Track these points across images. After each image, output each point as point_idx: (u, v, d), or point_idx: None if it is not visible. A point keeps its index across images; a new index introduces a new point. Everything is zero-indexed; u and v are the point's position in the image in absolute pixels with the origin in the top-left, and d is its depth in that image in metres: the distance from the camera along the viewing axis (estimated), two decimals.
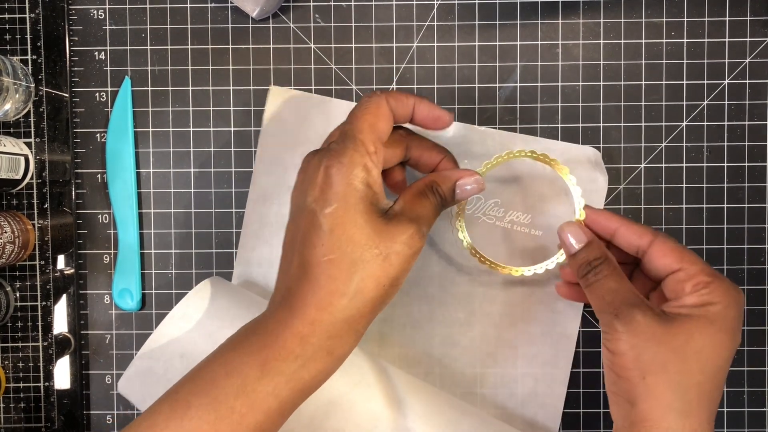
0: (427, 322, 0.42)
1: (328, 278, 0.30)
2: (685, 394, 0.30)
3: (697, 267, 0.33)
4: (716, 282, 0.32)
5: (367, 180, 0.31)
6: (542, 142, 0.42)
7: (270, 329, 0.30)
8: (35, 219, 0.42)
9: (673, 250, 0.33)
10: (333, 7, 0.42)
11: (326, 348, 0.30)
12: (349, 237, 0.30)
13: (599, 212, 0.37)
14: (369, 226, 0.30)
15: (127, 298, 0.43)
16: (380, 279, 0.30)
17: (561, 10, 0.42)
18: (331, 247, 0.30)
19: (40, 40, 0.42)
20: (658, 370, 0.30)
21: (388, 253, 0.30)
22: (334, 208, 0.30)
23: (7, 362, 0.43)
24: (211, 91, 0.43)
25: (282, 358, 0.29)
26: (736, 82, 0.42)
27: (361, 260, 0.30)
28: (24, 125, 0.42)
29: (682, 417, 0.30)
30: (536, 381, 0.42)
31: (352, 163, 0.31)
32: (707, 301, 0.32)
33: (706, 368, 0.31)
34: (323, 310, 0.30)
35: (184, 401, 0.29)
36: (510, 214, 0.41)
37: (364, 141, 0.31)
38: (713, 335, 0.31)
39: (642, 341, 0.31)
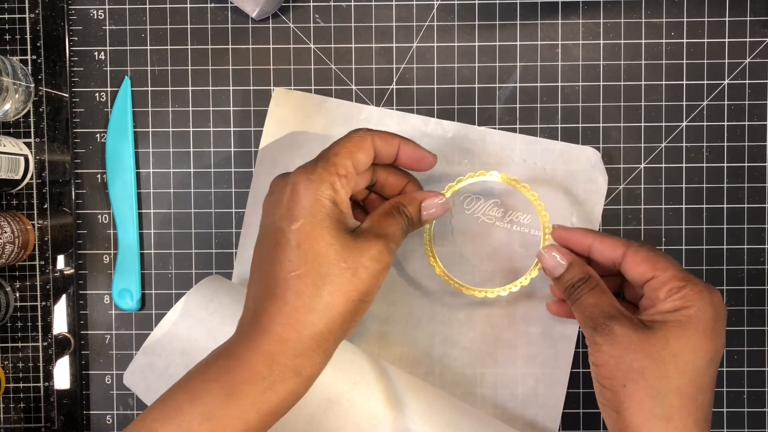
0: (428, 322, 0.42)
1: (295, 294, 0.30)
2: (665, 399, 0.30)
3: (669, 273, 0.33)
4: (689, 286, 0.32)
5: (335, 198, 0.31)
6: (542, 142, 0.42)
7: (235, 351, 0.30)
8: (35, 219, 0.42)
9: (646, 258, 0.34)
10: (333, 7, 0.42)
11: (293, 367, 0.29)
12: (317, 252, 0.30)
13: (571, 231, 0.37)
14: (337, 242, 0.30)
15: (126, 298, 0.43)
16: (349, 294, 0.30)
17: (561, 10, 0.42)
18: (298, 262, 0.30)
19: (39, 40, 0.42)
20: (637, 377, 0.31)
21: (357, 267, 0.30)
22: (301, 223, 0.30)
23: (7, 362, 0.43)
24: (211, 91, 0.43)
25: (248, 380, 0.29)
26: (736, 83, 0.42)
27: (329, 275, 0.30)
28: (24, 125, 0.42)
29: (663, 422, 0.30)
30: (536, 381, 0.42)
31: (320, 180, 0.31)
32: (680, 306, 0.32)
33: (686, 372, 0.31)
34: (290, 327, 0.29)
35: (150, 429, 0.28)
36: (509, 214, 0.41)
37: (336, 163, 0.32)
38: (689, 338, 0.31)
39: (620, 351, 0.31)
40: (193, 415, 0.28)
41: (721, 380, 0.43)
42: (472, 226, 0.41)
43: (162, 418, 0.29)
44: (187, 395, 0.29)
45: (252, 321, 0.30)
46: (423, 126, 0.42)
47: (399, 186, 0.37)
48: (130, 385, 0.39)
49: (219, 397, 0.28)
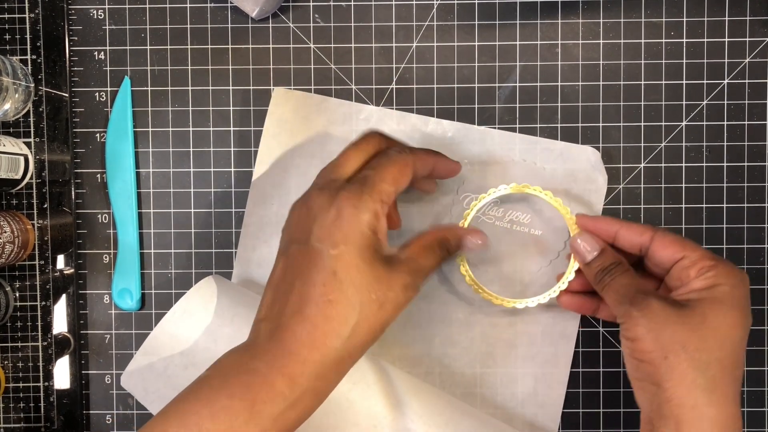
0: (427, 322, 0.42)
1: (324, 319, 0.30)
2: (707, 370, 0.31)
3: (698, 253, 0.34)
4: (720, 265, 0.33)
5: (376, 226, 0.32)
6: (542, 142, 0.42)
7: (257, 368, 0.30)
8: (35, 219, 0.42)
9: (674, 241, 0.35)
10: (332, 7, 0.42)
11: (314, 389, 0.30)
12: (352, 280, 0.30)
13: (597, 219, 0.38)
14: (371, 272, 0.31)
15: (126, 297, 0.43)
16: (373, 324, 0.31)
17: (560, 10, 0.42)
18: (332, 288, 0.30)
19: (39, 40, 0.42)
20: (678, 349, 0.31)
21: (384, 300, 0.31)
22: (341, 250, 0.31)
23: (7, 362, 0.43)
24: (211, 91, 0.43)
25: (270, 399, 0.29)
26: (736, 82, 0.42)
27: (359, 304, 0.30)
28: (24, 125, 0.42)
29: (707, 393, 0.31)
30: (536, 381, 0.42)
31: (365, 208, 0.31)
32: (714, 283, 0.33)
33: (725, 345, 0.31)
34: (316, 351, 0.30)
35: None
36: (510, 213, 0.41)
37: (381, 190, 0.32)
38: (726, 313, 0.32)
39: (659, 324, 0.32)
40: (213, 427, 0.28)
41: None
42: (473, 225, 0.41)
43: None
44: (209, 410, 0.29)
45: (274, 336, 0.30)
46: (423, 126, 0.42)
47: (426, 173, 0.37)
48: (128, 387, 0.39)
49: (241, 416, 0.29)
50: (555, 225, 0.41)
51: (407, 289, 0.32)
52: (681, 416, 0.31)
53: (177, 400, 0.30)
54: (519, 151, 0.42)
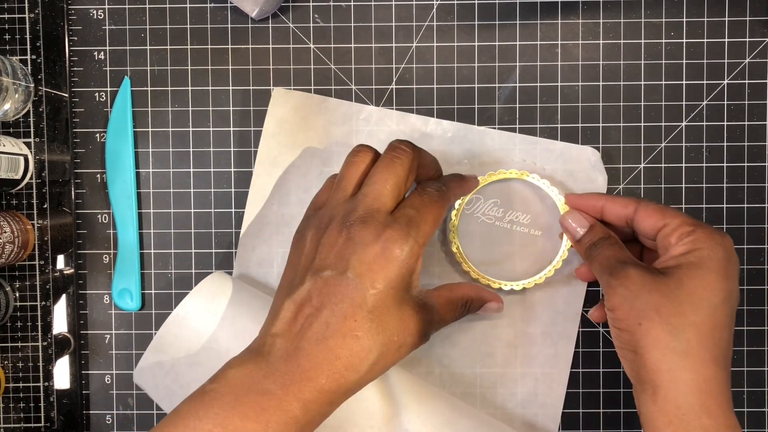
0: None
1: (348, 353, 0.30)
2: (682, 334, 0.31)
3: (678, 219, 0.34)
4: (698, 229, 0.33)
5: (414, 269, 0.33)
6: (541, 142, 0.42)
7: (272, 390, 0.29)
8: (35, 219, 0.42)
9: (656, 210, 0.35)
10: (332, 7, 0.42)
11: (324, 413, 0.31)
12: (381, 320, 0.31)
13: (583, 196, 0.39)
14: (399, 315, 0.32)
15: (126, 298, 0.43)
16: (388, 364, 0.32)
17: (560, 10, 0.42)
18: (362, 325, 0.31)
19: (39, 40, 0.42)
20: (652, 314, 0.31)
21: (403, 344, 0.32)
22: (380, 290, 0.31)
23: (7, 362, 0.43)
24: (211, 91, 0.43)
25: (284, 423, 0.29)
26: (736, 83, 0.42)
27: (382, 345, 0.31)
28: (23, 125, 0.42)
29: (682, 356, 0.31)
30: (536, 381, 0.42)
31: (411, 253, 0.32)
32: (692, 248, 0.33)
33: (701, 309, 0.31)
34: (334, 382, 0.30)
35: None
36: (510, 214, 0.41)
37: (426, 233, 0.33)
38: (702, 278, 0.32)
39: (634, 291, 0.32)
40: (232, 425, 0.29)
41: None
42: (472, 226, 0.41)
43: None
44: (222, 430, 0.28)
45: (292, 359, 0.30)
46: (422, 126, 0.42)
47: None
48: (139, 383, 0.39)
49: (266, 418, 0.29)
50: (555, 224, 0.41)
51: (423, 337, 0.34)
52: (656, 380, 0.31)
53: (185, 413, 0.29)
54: (519, 151, 0.42)
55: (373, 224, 0.32)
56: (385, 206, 0.33)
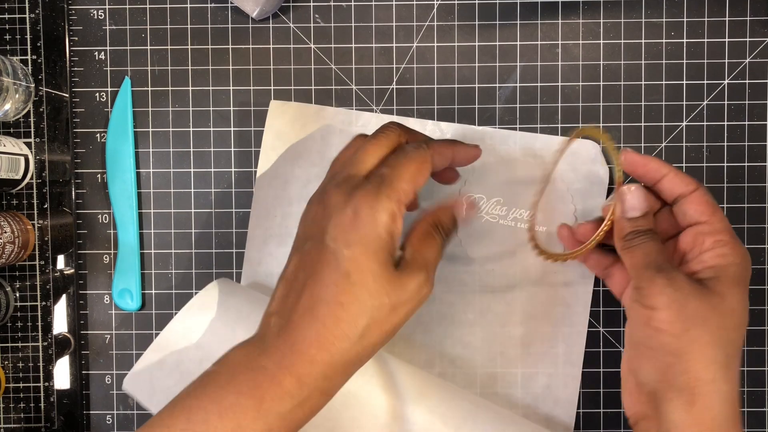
0: (438, 324, 0.42)
1: (335, 320, 0.29)
2: (725, 348, 0.31)
3: (722, 225, 0.34)
4: (734, 242, 0.33)
5: (392, 229, 0.31)
6: (541, 138, 0.42)
7: (265, 366, 0.29)
8: (35, 219, 0.42)
9: (708, 202, 0.34)
10: (333, 7, 0.42)
11: (321, 388, 0.30)
12: (364, 283, 0.30)
13: (648, 158, 0.36)
14: (383, 276, 0.30)
15: (126, 298, 0.43)
16: (384, 327, 0.30)
17: (561, 10, 0.42)
18: (344, 289, 0.30)
19: (40, 40, 0.42)
20: (700, 323, 0.31)
21: (397, 304, 0.30)
22: (355, 252, 0.30)
23: (7, 362, 0.43)
24: (211, 91, 0.43)
25: (278, 398, 0.29)
26: (736, 82, 0.42)
27: (371, 308, 0.30)
28: (24, 125, 0.42)
29: (724, 369, 0.31)
30: (550, 378, 0.42)
31: (383, 210, 0.30)
32: (730, 262, 0.33)
33: (739, 326, 0.32)
34: (325, 351, 0.29)
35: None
36: (513, 211, 0.41)
37: (400, 189, 0.31)
38: (740, 295, 0.32)
39: (683, 296, 0.32)
40: (221, 429, 0.28)
41: None
42: (477, 225, 0.41)
43: (190, 429, 0.28)
44: (216, 407, 0.29)
45: (283, 334, 0.30)
46: (421, 128, 0.42)
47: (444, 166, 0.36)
48: (131, 390, 0.38)
49: (249, 413, 0.28)
50: (559, 220, 0.41)
51: (422, 287, 0.31)
52: (698, 389, 0.31)
53: (183, 396, 0.30)
54: (519, 147, 0.42)
55: (344, 187, 0.31)
56: (359, 171, 0.32)
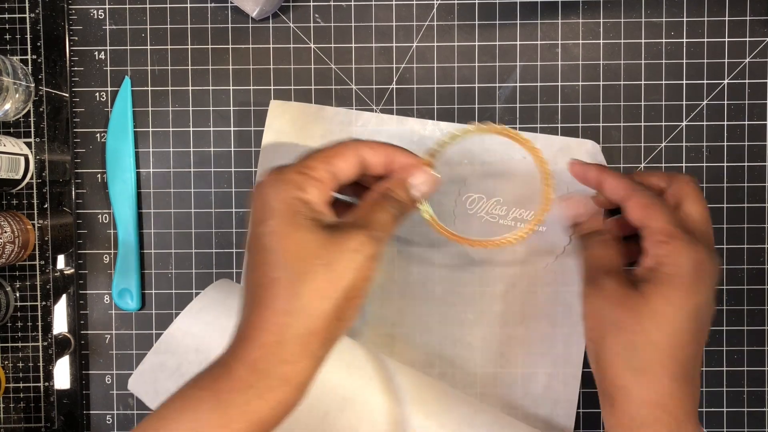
0: (437, 324, 0.42)
1: (272, 298, 0.28)
2: (640, 352, 0.31)
3: (659, 225, 0.32)
4: (672, 241, 0.32)
5: (302, 197, 0.30)
6: (541, 138, 0.42)
7: (224, 360, 0.29)
8: (35, 219, 0.42)
9: (643, 206, 0.33)
10: (333, 7, 0.42)
11: (280, 375, 0.28)
12: (290, 252, 0.29)
13: (588, 166, 0.36)
14: (311, 240, 0.29)
15: (126, 298, 0.43)
16: (326, 291, 0.28)
17: (561, 10, 0.42)
18: (274, 265, 0.29)
19: (40, 40, 0.42)
20: (615, 330, 0.31)
21: (332, 262, 0.29)
22: (271, 225, 0.29)
23: (7, 362, 0.43)
24: (211, 90, 0.43)
25: (235, 389, 0.28)
26: (736, 82, 0.42)
27: (304, 273, 0.28)
28: (24, 125, 0.42)
29: (637, 374, 0.31)
30: (550, 378, 0.42)
31: (286, 180, 0.30)
32: (662, 263, 0.32)
33: (663, 327, 0.31)
34: (270, 332, 0.28)
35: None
36: (513, 211, 0.41)
37: (308, 165, 0.31)
38: (668, 295, 0.31)
39: (604, 304, 0.32)
40: (182, 423, 0.28)
41: (721, 380, 0.43)
42: (476, 225, 0.41)
43: (154, 428, 0.28)
44: (180, 403, 0.28)
45: (239, 330, 0.30)
46: (421, 128, 0.42)
47: (381, 165, 0.34)
48: (136, 390, 0.38)
49: (207, 406, 0.28)
50: (559, 219, 0.41)
51: (362, 244, 0.29)
52: (613, 395, 0.31)
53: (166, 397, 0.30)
54: (519, 148, 0.41)
55: (265, 175, 0.31)
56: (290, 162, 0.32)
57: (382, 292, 0.42)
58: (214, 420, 0.27)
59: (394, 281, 0.42)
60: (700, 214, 0.34)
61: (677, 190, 0.34)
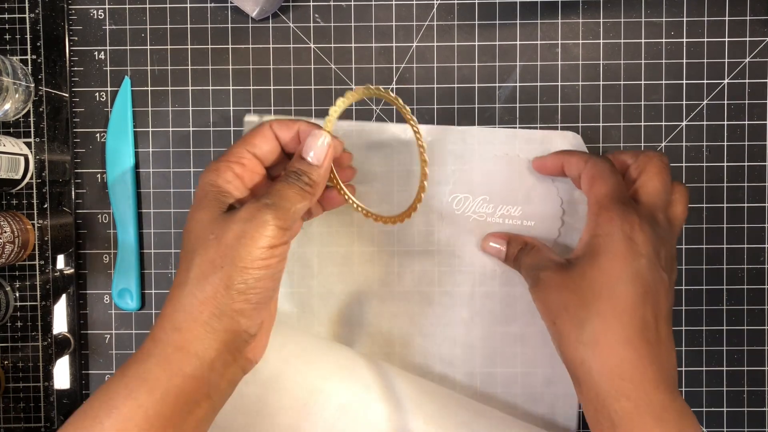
0: (432, 325, 0.42)
1: (176, 276, 0.31)
2: (588, 325, 0.31)
3: (593, 198, 0.34)
4: (603, 212, 0.33)
5: (215, 182, 0.32)
6: (521, 133, 0.41)
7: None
8: (35, 219, 0.42)
9: (590, 177, 0.35)
10: (333, 6, 0.42)
11: (174, 342, 0.29)
12: (189, 232, 0.31)
13: (545, 157, 0.39)
14: (207, 217, 0.31)
15: (126, 298, 0.43)
16: (215, 261, 0.30)
17: (560, 9, 0.42)
18: (183, 245, 0.32)
19: (39, 40, 0.42)
20: (561, 312, 0.32)
21: (223, 233, 0.30)
22: (191, 212, 0.32)
23: (7, 362, 0.43)
24: (211, 90, 0.43)
25: (138, 359, 0.29)
26: (736, 82, 0.42)
27: (197, 248, 0.31)
28: (24, 125, 0.42)
29: (590, 347, 0.31)
30: (550, 377, 0.42)
31: (208, 170, 0.33)
32: (593, 234, 0.33)
33: (602, 297, 0.31)
34: (169, 304, 0.30)
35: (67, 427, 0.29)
36: (500, 208, 0.41)
37: (229, 152, 0.34)
38: (601, 265, 0.32)
39: (546, 293, 0.34)
40: (95, 400, 0.29)
41: (721, 380, 0.43)
42: (465, 225, 0.41)
43: (79, 412, 0.29)
44: (98, 391, 0.30)
45: None
46: (402, 133, 0.42)
47: (294, 139, 0.35)
48: None
49: (115, 379, 0.29)
50: (547, 213, 0.41)
51: (253, 214, 0.30)
52: (575, 373, 0.32)
53: None
54: (500, 144, 0.41)
55: None
56: None
57: (378, 296, 0.42)
58: (120, 390, 0.29)
59: (390, 284, 0.42)
60: (653, 186, 0.34)
61: (641, 163, 0.35)
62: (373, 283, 0.42)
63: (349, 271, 0.42)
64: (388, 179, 0.42)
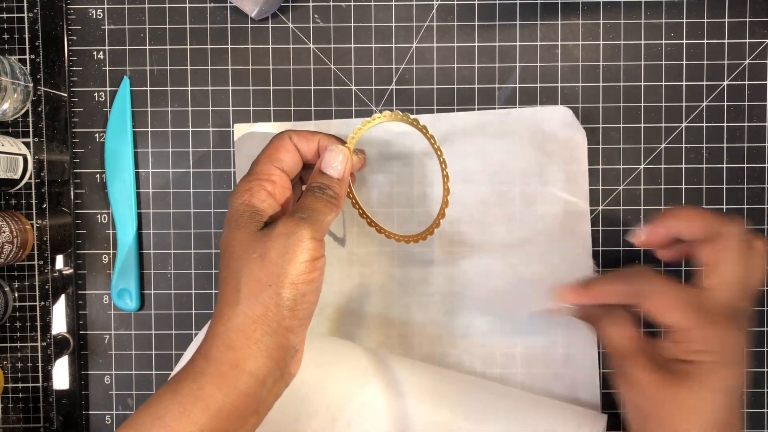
0: (444, 315, 0.42)
1: (222, 296, 0.32)
2: None
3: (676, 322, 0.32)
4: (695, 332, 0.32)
5: (250, 201, 0.33)
6: (513, 112, 0.41)
7: (192, 357, 0.32)
8: (34, 219, 0.42)
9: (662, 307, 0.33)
10: (332, 7, 0.42)
11: (228, 360, 0.30)
12: (231, 253, 0.32)
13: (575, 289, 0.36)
14: (246, 237, 0.32)
15: (126, 298, 0.43)
16: (262, 279, 0.31)
17: (560, 11, 0.42)
18: (225, 267, 0.32)
19: (38, 40, 0.42)
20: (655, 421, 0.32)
21: (265, 251, 0.31)
22: (225, 233, 0.33)
23: (6, 362, 0.43)
24: (210, 91, 0.43)
25: (190, 376, 0.30)
26: (736, 84, 0.42)
27: (241, 268, 0.31)
28: (22, 125, 0.42)
29: None
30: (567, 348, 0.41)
31: (239, 191, 0.33)
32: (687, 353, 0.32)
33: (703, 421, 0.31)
34: (218, 323, 0.31)
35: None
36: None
37: (256, 170, 0.34)
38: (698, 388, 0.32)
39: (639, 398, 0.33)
40: (146, 418, 0.29)
41: None
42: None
43: (127, 425, 0.30)
44: (151, 399, 0.30)
45: None
46: (394, 126, 0.41)
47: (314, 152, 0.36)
48: None
49: (167, 396, 0.30)
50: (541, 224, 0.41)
51: (287, 228, 0.31)
52: None
53: None
54: (493, 124, 0.41)
55: None
56: None
57: (383, 294, 0.42)
58: (173, 407, 0.29)
59: (396, 280, 0.42)
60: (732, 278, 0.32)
61: (718, 248, 0.32)
62: (377, 281, 0.42)
63: (349, 271, 0.42)
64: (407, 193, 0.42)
